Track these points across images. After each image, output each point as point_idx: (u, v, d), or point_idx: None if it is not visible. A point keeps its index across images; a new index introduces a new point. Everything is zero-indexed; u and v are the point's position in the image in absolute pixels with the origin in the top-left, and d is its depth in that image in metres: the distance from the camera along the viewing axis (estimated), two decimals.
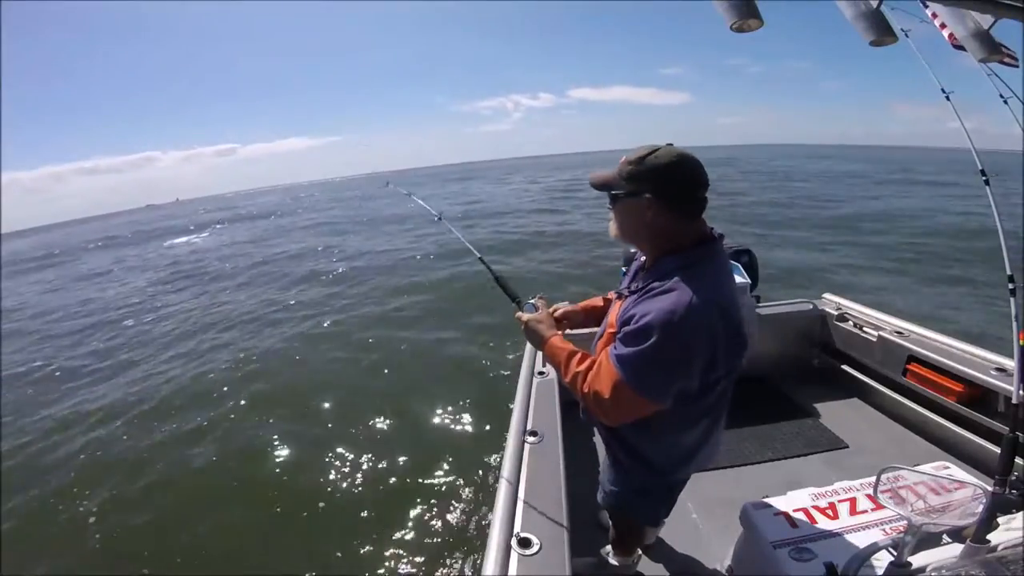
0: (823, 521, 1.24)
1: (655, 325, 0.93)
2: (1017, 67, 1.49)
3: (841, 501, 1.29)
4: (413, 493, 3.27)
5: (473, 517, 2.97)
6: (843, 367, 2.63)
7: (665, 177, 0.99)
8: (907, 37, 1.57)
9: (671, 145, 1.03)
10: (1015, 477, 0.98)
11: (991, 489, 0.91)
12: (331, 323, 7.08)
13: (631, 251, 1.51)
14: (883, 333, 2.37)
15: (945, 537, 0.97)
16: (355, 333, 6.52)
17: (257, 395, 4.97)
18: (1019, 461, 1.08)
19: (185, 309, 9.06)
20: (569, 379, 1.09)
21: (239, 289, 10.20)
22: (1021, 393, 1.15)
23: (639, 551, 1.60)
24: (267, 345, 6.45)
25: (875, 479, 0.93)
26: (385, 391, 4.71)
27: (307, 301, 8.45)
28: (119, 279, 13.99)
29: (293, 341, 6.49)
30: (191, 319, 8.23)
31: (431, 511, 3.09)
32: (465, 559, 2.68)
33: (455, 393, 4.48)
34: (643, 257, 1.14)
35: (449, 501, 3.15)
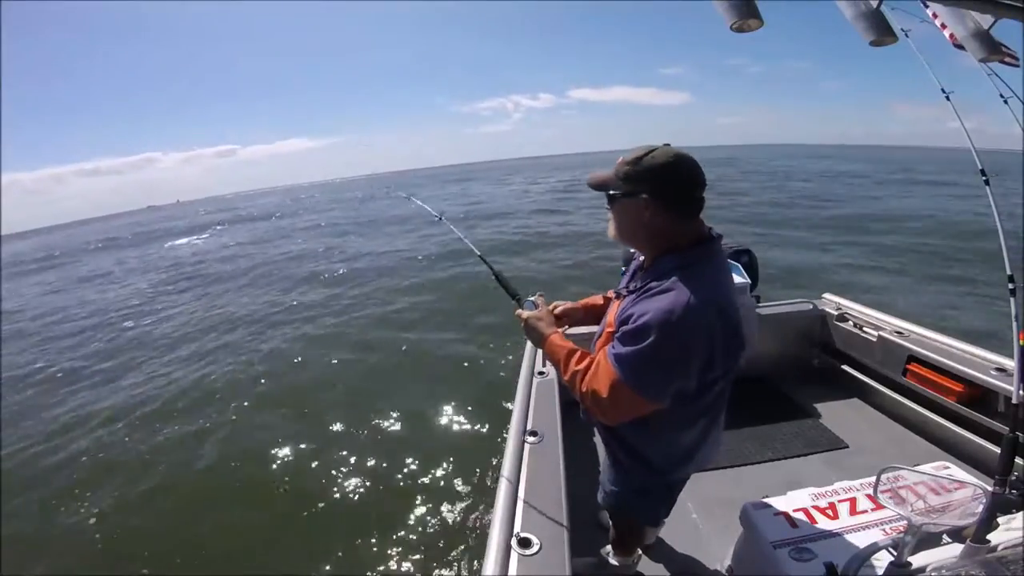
0: (823, 521, 1.24)
1: (653, 325, 0.93)
2: (1018, 67, 1.49)
3: (841, 501, 1.29)
4: (413, 493, 3.28)
5: (473, 517, 2.97)
6: (843, 367, 2.63)
7: (662, 177, 0.99)
8: (907, 37, 1.57)
9: (668, 145, 1.03)
10: (1015, 477, 0.98)
11: (991, 489, 0.91)
12: (332, 324, 7.09)
13: (630, 251, 1.51)
14: (883, 333, 2.37)
15: (945, 537, 0.97)
16: (356, 334, 6.53)
17: (258, 396, 4.97)
18: (1019, 461, 1.08)
19: (187, 311, 9.06)
20: (568, 377, 1.10)
21: (241, 291, 10.21)
22: (1021, 393, 1.15)
23: (639, 551, 1.60)
24: (269, 346, 6.45)
25: (875, 479, 0.93)
26: (386, 392, 4.72)
27: (308, 302, 8.46)
28: (120, 281, 13.99)
29: (294, 342, 6.50)
30: (193, 321, 8.23)
31: (431, 511, 3.09)
32: (465, 559, 2.68)
33: (455, 393, 4.49)
34: (642, 257, 1.14)
35: (449, 501, 3.15)
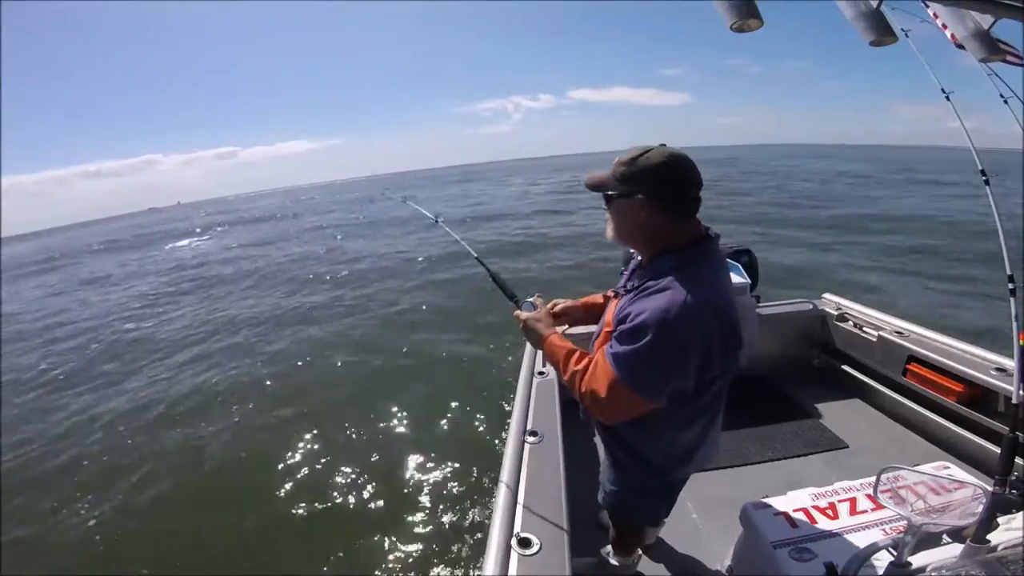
0: (823, 521, 1.24)
1: (650, 324, 0.93)
2: (1022, 65, 1.49)
3: (841, 501, 1.29)
4: (413, 493, 3.28)
5: (473, 517, 2.97)
6: (843, 367, 2.63)
7: (657, 178, 1.00)
8: (907, 37, 1.57)
9: (664, 145, 1.03)
10: (1015, 477, 0.98)
11: (991, 489, 0.91)
12: (333, 326, 7.09)
13: (630, 251, 1.51)
14: (883, 333, 2.37)
15: (945, 537, 0.97)
16: (357, 335, 6.54)
17: (260, 397, 4.98)
18: (1019, 461, 1.08)
19: (189, 313, 9.07)
20: (567, 377, 1.10)
21: (242, 293, 10.21)
22: (1021, 393, 1.14)
23: (639, 551, 1.60)
24: (271, 348, 6.46)
25: (875, 479, 0.92)
26: (386, 392, 4.72)
27: (310, 304, 8.46)
28: (122, 283, 13.96)
29: (296, 344, 6.50)
30: (195, 323, 8.23)
31: (431, 511, 3.09)
32: (465, 559, 2.68)
33: (455, 394, 4.49)
34: (640, 256, 1.14)
35: (449, 501, 3.15)
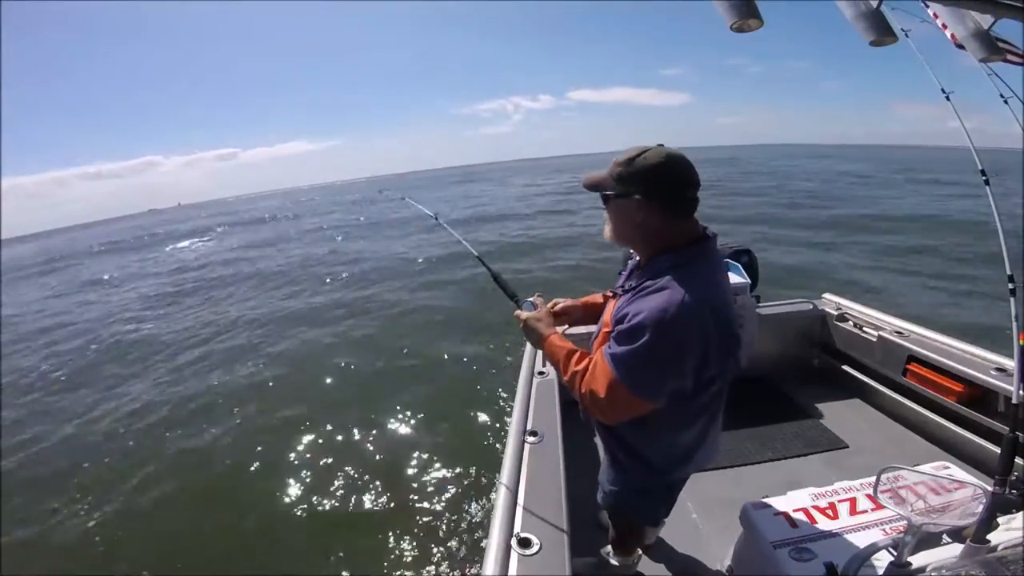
0: (823, 521, 1.24)
1: (647, 324, 0.93)
2: (1022, 65, 1.49)
3: (841, 501, 1.29)
4: (413, 493, 3.28)
5: (473, 517, 2.97)
6: (843, 367, 2.62)
7: (655, 178, 1.00)
8: (907, 37, 1.56)
9: (661, 146, 1.03)
10: (1015, 477, 0.98)
11: (991, 489, 0.91)
12: (333, 327, 7.09)
13: (628, 251, 1.50)
14: (883, 333, 2.37)
15: (945, 537, 0.96)
16: (357, 336, 6.54)
17: (261, 399, 4.98)
18: (1019, 461, 1.08)
19: (191, 315, 9.07)
20: (568, 378, 1.10)
21: (243, 294, 10.21)
22: (1021, 393, 1.14)
23: (639, 551, 1.60)
24: (271, 349, 6.47)
25: (875, 479, 0.92)
26: (387, 393, 4.71)
27: (311, 306, 8.47)
28: (123, 285, 13.95)
29: (296, 345, 6.51)
30: (197, 325, 8.23)
31: (431, 511, 3.09)
32: (465, 559, 2.68)
33: (455, 394, 4.50)
34: (639, 256, 1.14)
35: (449, 501, 3.16)
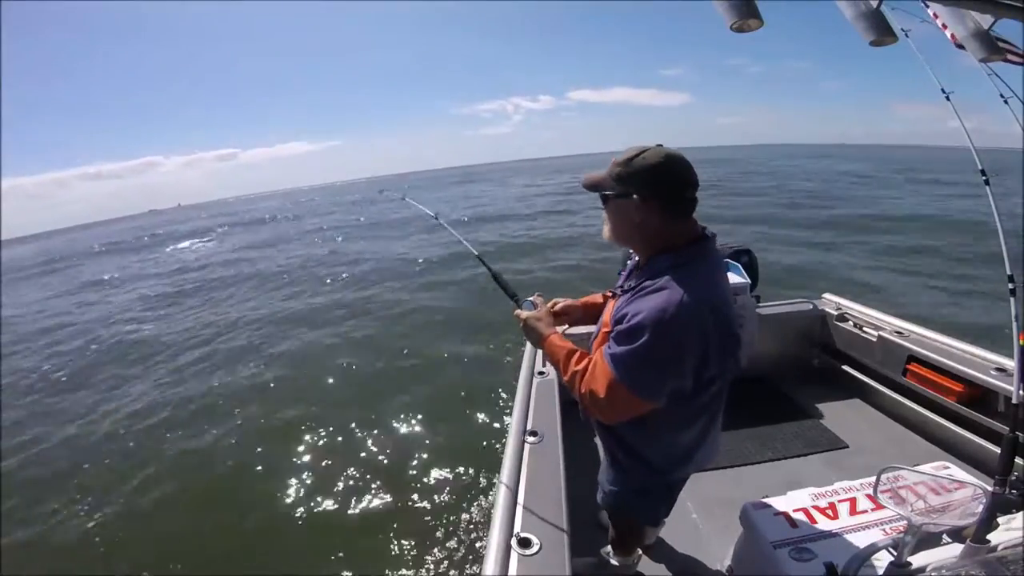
0: (823, 521, 1.24)
1: (647, 324, 0.93)
2: (1022, 65, 1.49)
3: (841, 501, 1.29)
4: (413, 493, 3.28)
5: (473, 517, 2.97)
6: (843, 367, 2.62)
7: (654, 178, 1.00)
8: (907, 37, 1.56)
9: (660, 146, 1.03)
10: (1015, 477, 0.98)
11: (991, 489, 0.91)
12: (334, 327, 7.09)
13: (628, 251, 1.50)
14: (883, 333, 2.36)
15: (945, 537, 0.96)
16: (357, 337, 6.54)
17: (262, 399, 4.98)
18: (1019, 461, 1.08)
19: (191, 315, 9.06)
20: (568, 377, 1.10)
21: (244, 295, 10.20)
22: (1021, 393, 1.14)
23: (639, 551, 1.60)
24: (272, 350, 6.47)
25: (875, 479, 0.92)
26: (387, 393, 4.72)
27: (312, 306, 8.47)
28: (123, 285, 13.94)
29: (296, 346, 6.51)
30: (198, 326, 8.22)
31: (431, 511, 3.09)
32: (465, 559, 2.68)
33: (455, 394, 4.50)
34: (637, 256, 1.14)
35: (449, 501, 3.16)
